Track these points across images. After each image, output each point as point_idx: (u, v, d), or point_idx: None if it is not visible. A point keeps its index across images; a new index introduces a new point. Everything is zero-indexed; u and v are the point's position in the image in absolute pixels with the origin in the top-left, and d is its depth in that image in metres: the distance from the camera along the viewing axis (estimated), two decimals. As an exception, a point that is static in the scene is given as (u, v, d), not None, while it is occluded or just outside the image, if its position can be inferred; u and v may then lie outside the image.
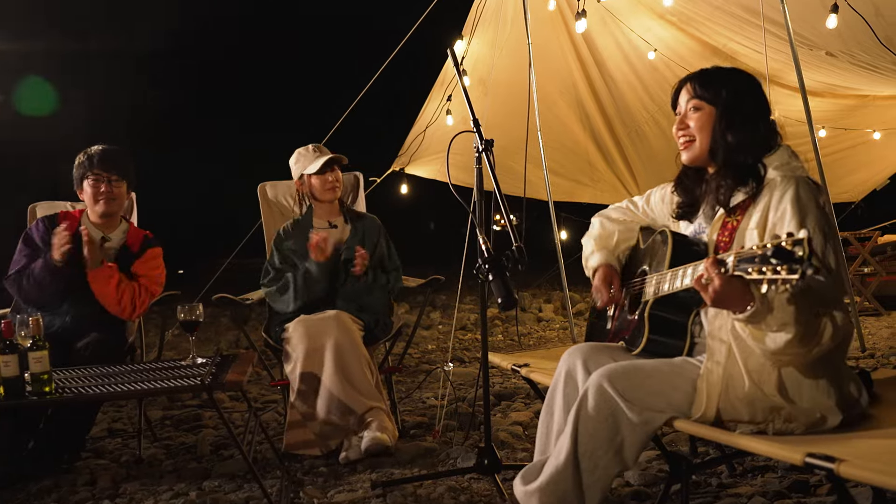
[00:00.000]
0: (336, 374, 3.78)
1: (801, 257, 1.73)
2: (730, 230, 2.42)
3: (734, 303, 2.07)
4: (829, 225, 2.28)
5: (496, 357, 3.49)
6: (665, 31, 7.15)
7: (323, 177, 4.31)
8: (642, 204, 2.98)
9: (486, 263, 2.49)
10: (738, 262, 1.92)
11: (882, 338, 6.85)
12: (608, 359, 2.57)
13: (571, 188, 9.38)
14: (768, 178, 2.37)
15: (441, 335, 8.40)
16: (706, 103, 2.48)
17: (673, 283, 2.38)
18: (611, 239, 2.95)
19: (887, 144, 9.88)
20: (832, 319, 2.10)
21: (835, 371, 2.28)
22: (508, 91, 7.37)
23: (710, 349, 2.34)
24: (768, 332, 2.09)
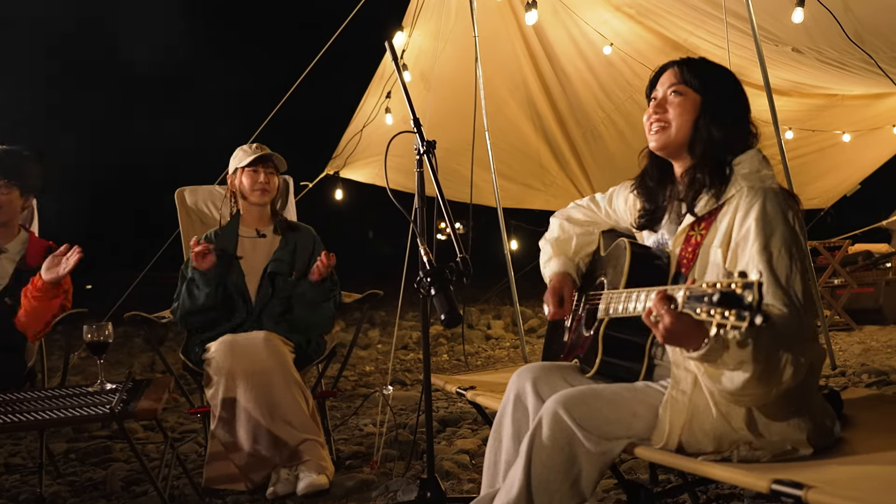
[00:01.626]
0: (264, 401, 3.73)
1: (749, 304, 1.74)
2: (693, 245, 2.43)
3: (686, 340, 2.07)
4: (799, 244, 2.29)
5: (440, 379, 3.48)
6: (622, 24, 7.23)
7: (255, 174, 4.28)
8: (604, 204, 3.00)
9: (428, 276, 2.48)
10: (687, 298, 1.92)
11: (853, 354, 7.00)
12: (560, 381, 2.58)
13: (522, 193, 9.43)
14: (736, 186, 2.38)
15: (380, 355, 8.38)
16: (692, 91, 2.51)
17: (626, 306, 2.39)
18: (569, 244, 2.97)
19: (857, 147, 10.10)
20: (794, 357, 2.09)
21: (807, 403, 2.30)
22: (453, 88, 7.39)
23: (674, 377, 2.35)
24: (725, 370, 2.09)
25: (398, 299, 6.09)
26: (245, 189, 4.30)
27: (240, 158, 4.32)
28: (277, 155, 4.36)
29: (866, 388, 5.23)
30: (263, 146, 4.38)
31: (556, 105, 8.49)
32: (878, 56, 5.85)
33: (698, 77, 2.51)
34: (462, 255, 2.57)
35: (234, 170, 4.34)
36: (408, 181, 3.24)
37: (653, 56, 7.26)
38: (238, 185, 4.33)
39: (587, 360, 2.59)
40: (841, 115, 9.16)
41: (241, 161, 4.29)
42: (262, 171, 4.30)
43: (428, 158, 2.77)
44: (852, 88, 8.22)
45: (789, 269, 2.21)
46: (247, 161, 4.26)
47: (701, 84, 2.50)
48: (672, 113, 2.52)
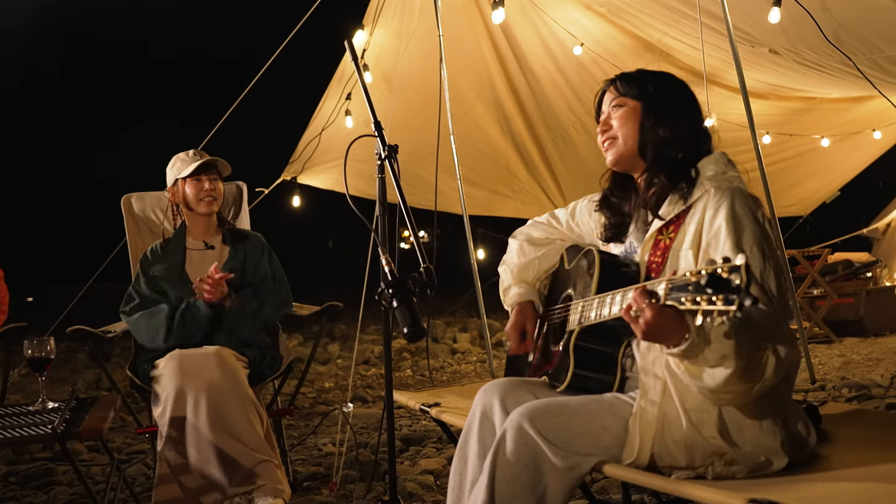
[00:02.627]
0: (215, 421, 3.70)
1: (737, 286, 1.77)
2: (662, 250, 2.46)
3: (668, 335, 2.10)
4: (770, 242, 2.35)
5: (403, 396, 3.48)
6: (593, 23, 7.28)
7: (198, 183, 4.24)
8: (566, 218, 3.03)
9: (390, 288, 2.47)
10: (669, 290, 1.94)
11: (833, 367, 7.08)
12: (529, 396, 2.58)
13: (489, 200, 9.45)
14: (702, 188, 2.43)
15: (340, 371, 8.35)
16: (630, 98, 2.59)
17: (600, 311, 2.41)
18: (529, 270, 3.01)
19: (837, 152, 10.24)
20: (775, 351, 2.14)
21: (780, 408, 2.34)
22: (417, 89, 7.40)
23: (643, 386, 2.37)
24: (706, 367, 2.12)
25: (359, 312, 6.09)
26: (190, 200, 4.26)
27: (178, 168, 4.27)
28: (220, 160, 4.32)
29: (846, 403, 5.29)
30: (202, 152, 4.35)
31: (525, 108, 8.53)
32: (857, 58, 5.93)
33: (632, 85, 2.61)
34: (426, 265, 2.57)
35: (175, 181, 4.29)
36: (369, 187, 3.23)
37: (625, 57, 7.32)
38: (182, 196, 4.28)
39: (557, 375, 2.60)
40: (819, 118, 9.28)
41: (182, 171, 4.24)
42: (206, 179, 4.26)
43: (390, 163, 2.77)
44: (831, 91, 8.33)
45: (762, 265, 2.27)
46: (187, 171, 4.22)
47: (636, 90, 2.59)
48: (616, 125, 2.61)
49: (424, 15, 6.89)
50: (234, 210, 4.84)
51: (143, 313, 4.07)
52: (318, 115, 7.83)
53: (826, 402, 3.03)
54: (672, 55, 7.37)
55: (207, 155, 4.33)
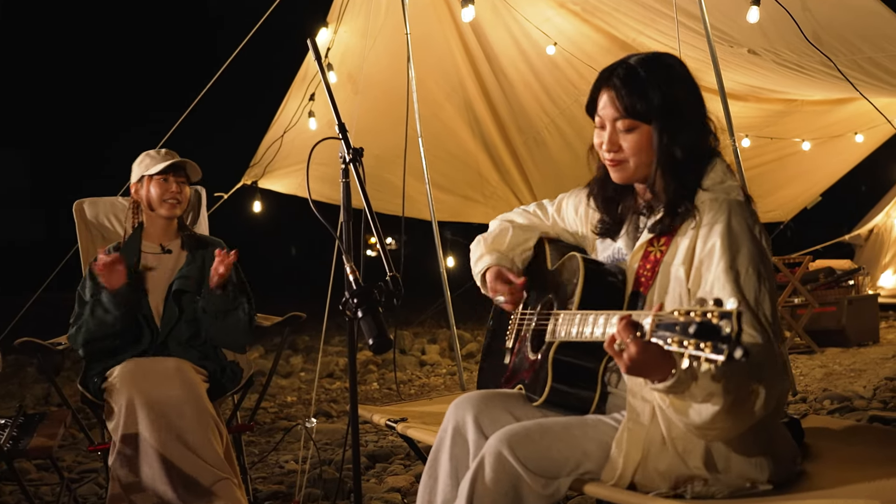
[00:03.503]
0: (172, 436, 3.66)
1: (728, 335, 1.73)
2: (652, 262, 2.44)
3: (652, 371, 2.08)
4: (766, 261, 2.31)
5: (368, 410, 3.48)
6: (567, 22, 7.31)
7: (165, 184, 4.19)
8: (552, 211, 3.01)
9: (355, 297, 2.47)
10: (656, 326, 1.92)
11: (815, 379, 7.14)
12: (504, 412, 2.58)
13: (459, 206, 9.46)
14: (698, 199, 2.39)
15: (303, 384, 8.32)
16: (640, 122, 2.43)
17: (581, 329, 2.37)
18: (502, 238, 2.97)
19: (818, 156, 10.34)
20: (766, 386, 2.11)
21: (769, 439, 2.34)
22: (383, 90, 7.39)
23: (630, 408, 2.36)
24: (692, 402, 2.11)
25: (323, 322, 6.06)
26: (153, 200, 4.22)
27: (147, 165, 4.24)
28: (191, 163, 4.30)
29: (828, 416, 5.34)
30: (173, 152, 4.32)
31: (497, 109, 8.55)
32: (838, 59, 5.99)
33: (641, 101, 2.41)
34: (392, 274, 2.57)
35: (140, 178, 4.25)
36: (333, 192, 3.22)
37: (600, 57, 7.35)
38: (145, 195, 4.24)
39: (534, 388, 2.59)
40: (800, 121, 9.36)
41: (150, 168, 4.21)
42: (174, 181, 4.22)
43: (355, 167, 2.76)
44: (812, 93, 8.40)
45: (758, 289, 2.23)
46: (156, 169, 4.18)
47: (645, 108, 2.41)
48: (627, 150, 2.46)
49: (391, 12, 6.89)
50: (193, 215, 4.81)
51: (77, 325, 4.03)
52: (280, 117, 7.80)
53: (807, 415, 3.06)
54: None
55: (178, 156, 4.31)
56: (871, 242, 12.01)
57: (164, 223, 4.28)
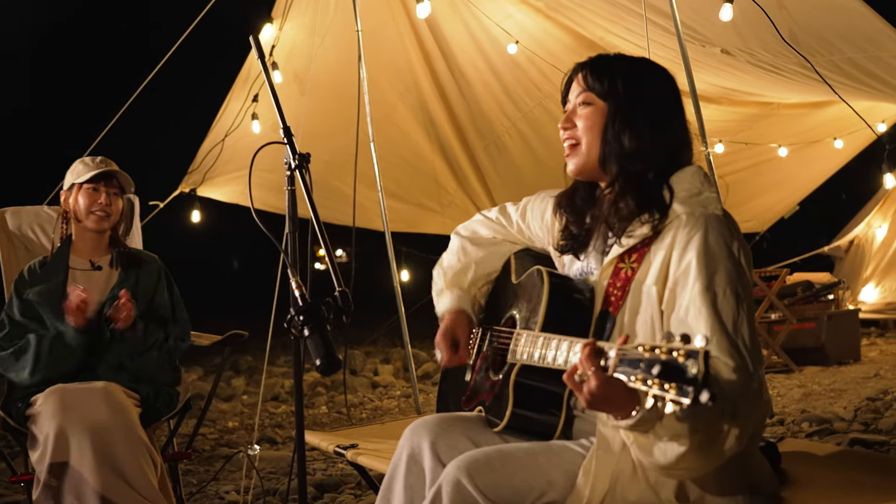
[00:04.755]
0: (102, 466, 3.62)
1: (693, 377, 1.72)
2: (623, 280, 2.41)
3: (615, 407, 2.06)
4: (745, 280, 2.29)
5: (316, 436, 3.46)
6: (529, 19, 7.34)
7: (94, 194, 4.15)
8: (517, 217, 2.99)
9: (301, 314, 2.46)
10: (620, 361, 1.90)
11: (793, 399, 7.20)
12: (463, 438, 2.57)
13: (414, 215, 9.46)
14: (673, 212, 2.36)
15: (245, 408, 8.27)
16: (597, 97, 2.48)
17: (544, 354, 2.38)
18: (465, 274, 2.97)
19: (795, 162, 10.45)
20: (739, 423, 2.08)
21: (746, 470, 2.34)
22: (332, 90, 7.39)
23: (600, 436, 2.35)
24: (657, 441, 2.09)
25: (266, 341, 6.04)
26: (80, 211, 4.17)
27: (79, 172, 4.19)
28: (124, 174, 4.25)
29: (807, 439, 5.39)
30: (109, 160, 4.28)
31: (454, 112, 8.56)
32: (816, 59, 6.06)
33: (602, 79, 2.48)
34: (342, 289, 2.56)
35: (71, 185, 4.21)
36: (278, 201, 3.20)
37: (565, 56, 7.38)
38: (73, 204, 4.20)
39: (495, 411, 2.59)
40: (776, 125, 9.46)
41: (80, 176, 4.17)
42: (104, 191, 4.18)
43: (301, 174, 2.75)
44: (788, 96, 8.50)
45: (736, 312, 2.21)
46: (87, 176, 4.14)
47: (605, 87, 2.48)
48: (581, 127, 2.51)
49: (341, 7, 6.88)
50: (125, 227, 4.77)
51: (11, 350, 3.97)
52: (221, 120, 7.77)
53: (784, 438, 3.09)
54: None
55: (115, 165, 4.27)
56: (852, 254, 12.18)
57: (95, 237, 4.23)
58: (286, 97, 6.99)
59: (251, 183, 2.76)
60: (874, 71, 6.38)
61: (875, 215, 11.86)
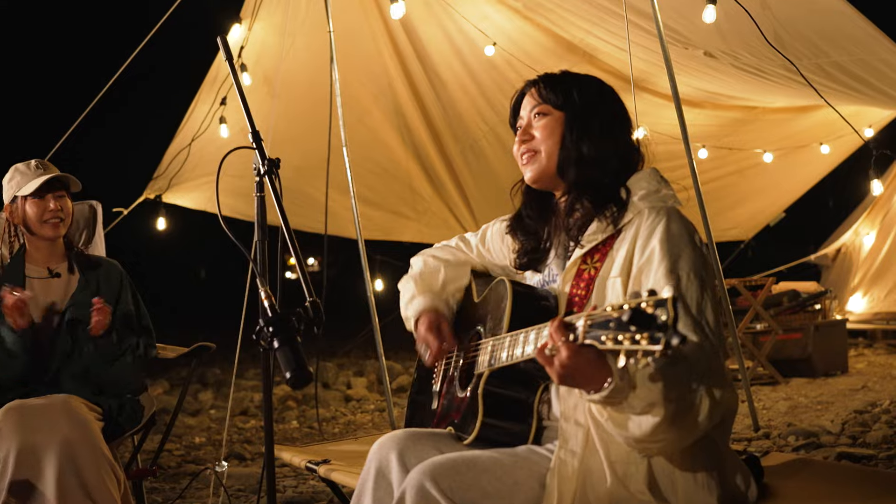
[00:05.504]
0: (66, 483, 3.60)
1: (664, 323, 1.76)
2: (587, 281, 2.48)
3: (587, 379, 2.09)
4: (708, 269, 2.38)
5: (287, 452, 3.46)
6: (507, 20, 7.37)
7: (42, 202, 4.12)
8: (476, 242, 3.06)
9: (270, 325, 2.45)
10: (589, 327, 1.94)
11: (779, 412, 7.23)
12: (432, 450, 2.58)
13: (389, 223, 9.47)
14: (633, 210, 2.46)
15: (213, 423, 8.24)
16: (553, 108, 2.62)
17: (512, 352, 2.41)
18: (435, 277, 3.01)
19: (781, 168, 10.51)
20: (710, 393, 2.16)
21: (716, 459, 2.38)
22: (303, 93, 7.39)
23: (563, 434, 2.39)
24: (631, 414, 2.14)
25: (235, 354, 6.02)
26: (32, 222, 4.13)
27: (18, 183, 4.13)
28: (70, 176, 4.21)
29: (793, 453, 5.41)
30: (48, 163, 4.23)
31: (430, 115, 8.58)
32: (801, 63, 6.10)
33: (556, 91, 2.63)
34: (313, 299, 2.56)
35: (13, 198, 4.18)
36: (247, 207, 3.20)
37: (544, 59, 7.41)
38: (21, 216, 4.16)
39: (464, 426, 2.60)
40: (761, 130, 9.52)
41: (22, 187, 4.12)
42: (51, 198, 4.13)
43: (270, 180, 2.75)
44: (773, 100, 8.56)
45: (699, 295, 2.30)
46: (30, 189, 4.09)
47: (560, 98, 2.62)
48: (538, 137, 2.63)
49: (312, 7, 6.90)
50: (87, 234, 4.74)
51: None
52: (188, 124, 7.75)
53: (770, 452, 3.10)
54: (597, 57, 7.49)
55: (54, 167, 4.23)
56: (839, 263, 12.24)
57: (49, 244, 4.20)
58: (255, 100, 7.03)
59: (219, 189, 2.75)
60: (861, 74, 6.44)
61: (863, 222, 11.91)
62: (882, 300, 11.52)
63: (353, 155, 6.65)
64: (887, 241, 11.52)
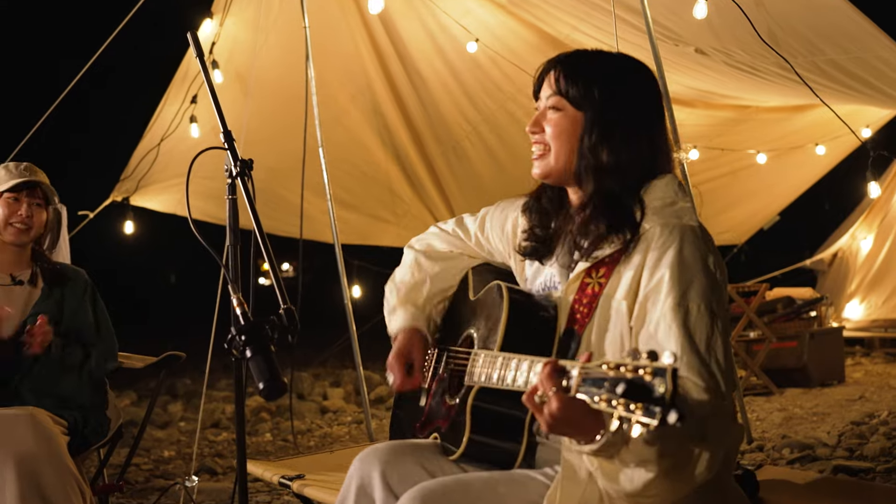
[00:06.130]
0: (28, 498, 3.59)
1: (661, 396, 1.71)
2: (591, 296, 2.41)
3: (578, 430, 2.06)
4: (720, 296, 2.30)
5: (259, 466, 3.45)
6: (491, 15, 7.37)
7: (15, 204, 4.11)
8: (475, 229, 2.99)
9: (242, 334, 2.45)
10: (582, 380, 1.90)
11: (773, 424, 7.25)
12: (416, 467, 2.57)
13: (367, 227, 9.46)
14: (646, 223, 2.36)
15: (183, 436, 8.22)
16: (569, 104, 2.47)
17: (503, 375, 2.37)
18: (419, 290, 2.97)
19: (775, 170, 10.53)
20: (710, 446, 2.09)
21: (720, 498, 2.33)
22: (278, 92, 7.38)
23: (566, 464, 2.33)
24: (623, 468, 2.08)
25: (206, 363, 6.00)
26: None
27: (1, 179, 4.15)
28: (51, 188, 4.21)
29: (787, 467, 5.42)
30: (35, 168, 4.23)
31: (410, 115, 8.57)
32: (796, 60, 6.12)
33: (576, 83, 2.46)
34: (287, 306, 2.55)
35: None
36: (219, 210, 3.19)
37: (529, 56, 7.41)
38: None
39: (451, 438, 2.59)
40: (754, 130, 9.54)
41: (1, 183, 4.12)
42: (26, 202, 4.13)
43: (243, 182, 2.74)
44: (767, 99, 8.58)
45: (710, 330, 2.21)
46: (8, 185, 4.09)
47: (580, 93, 2.45)
48: (549, 133, 2.50)
49: (287, 2, 6.89)
50: (51, 239, 4.72)
51: None
52: (157, 123, 7.73)
53: (763, 466, 3.11)
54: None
55: (44, 175, 4.22)
56: (836, 268, 12.27)
57: (15, 250, 4.19)
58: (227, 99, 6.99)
59: (189, 191, 2.75)
60: (857, 73, 6.45)
61: (860, 226, 11.93)
62: (880, 307, 11.54)
63: (330, 156, 6.65)
64: (885, 245, 11.54)
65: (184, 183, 2.73)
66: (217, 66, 7.08)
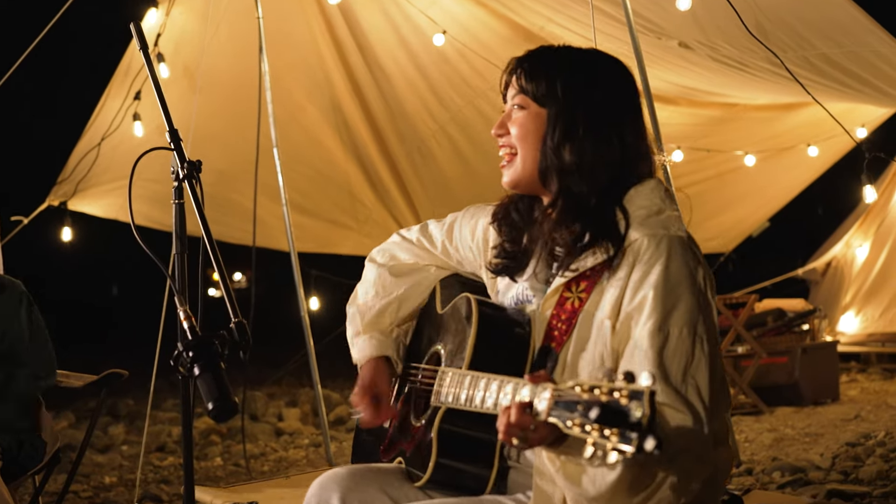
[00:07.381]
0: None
1: (637, 422, 1.70)
2: (570, 312, 2.40)
3: (551, 446, 2.05)
4: (708, 316, 2.29)
5: (209, 493, 3.45)
6: (459, 6, 7.38)
7: None
8: (442, 237, 2.97)
9: (189, 350, 2.44)
10: (554, 404, 1.88)
11: (763, 445, 7.28)
12: (379, 493, 2.57)
13: (326, 233, 9.46)
14: (630, 235, 2.35)
15: (125, 461, 8.18)
16: (532, 101, 2.47)
17: (471, 395, 2.35)
18: (384, 316, 2.95)
19: (764, 173, 10.58)
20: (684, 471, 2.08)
21: None
22: (229, 88, 7.37)
23: (538, 491, 2.33)
24: (587, 468, 2.08)
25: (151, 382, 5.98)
26: None
27: None
28: None
29: (778, 491, 5.45)
30: None
31: (372, 113, 8.58)
32: (786, 55, 6.16)
33: (538, 80, 2.46)
34: (238, 319, 2.55)
35: None
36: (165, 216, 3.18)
37: (500, 49, 7.42)
38: None
39: (416, 462, 2.59)
40: (742, 130, 9.59)
41: None
42: None
43: (190, 185, 2.74)
44: (755, 96, 8.63)
45: (689, 356, 2.20)
46: None
47: (542, 89, 2.45)
48: (515, 135, 2.50)
49: (239, -9, 6.88)
50: (-19, 246, 4.71)
51: None
52: (97, 121, 7.70)
53: (752, 490, 3.13)
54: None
55: None
56: (829, 278, 12.34)
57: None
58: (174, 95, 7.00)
59: (132, 195, 2.74)
60: (852, 68, 6.50)
61: (855, 233, 11.97)
62: (877, 320, 11.57)
63: (285, 157, 6.65)
64: (882, 253, 11.57)
65: (126, 186, 2.73)
66: (163, 60, 7.05)
